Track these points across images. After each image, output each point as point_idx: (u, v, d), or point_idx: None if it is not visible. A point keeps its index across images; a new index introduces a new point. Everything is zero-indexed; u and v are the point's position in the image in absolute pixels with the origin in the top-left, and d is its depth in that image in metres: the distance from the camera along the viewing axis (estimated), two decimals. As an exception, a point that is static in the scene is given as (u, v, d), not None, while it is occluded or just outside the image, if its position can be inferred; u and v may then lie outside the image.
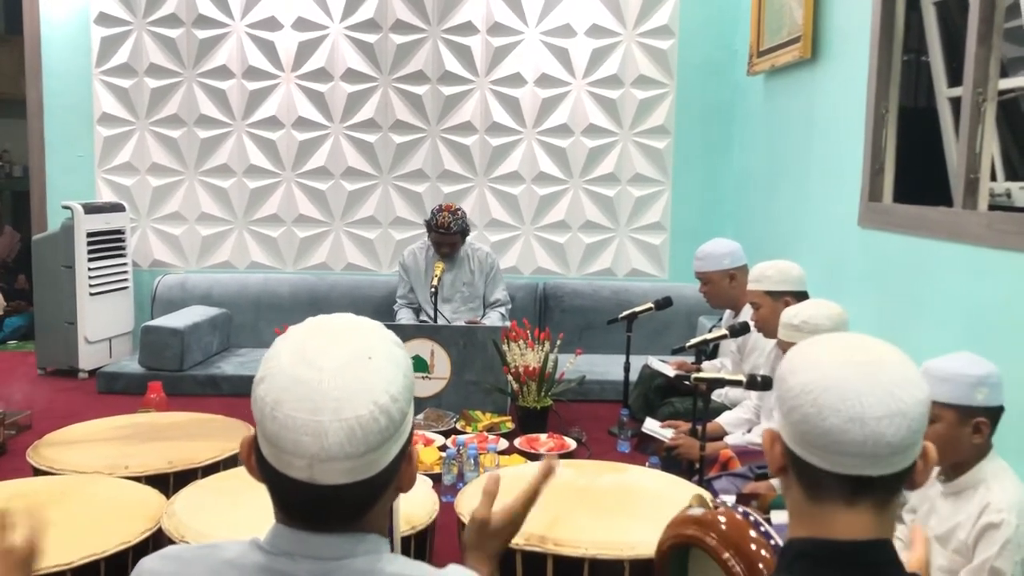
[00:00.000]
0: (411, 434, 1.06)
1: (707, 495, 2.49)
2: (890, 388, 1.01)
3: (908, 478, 1.05)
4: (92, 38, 5.45)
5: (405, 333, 4.24)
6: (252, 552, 1.01)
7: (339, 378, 0.97)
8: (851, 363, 1.03)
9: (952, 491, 2.01)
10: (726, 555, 1.39)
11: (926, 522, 2.09)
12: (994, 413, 1.99)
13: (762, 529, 1.40)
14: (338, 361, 0.99)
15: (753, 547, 1.37)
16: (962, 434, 1.94)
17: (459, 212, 4.73)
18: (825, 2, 3.90)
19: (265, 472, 1.01)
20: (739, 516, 1.42)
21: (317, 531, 1.00)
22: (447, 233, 4.68)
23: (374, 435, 0.97)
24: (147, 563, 1.06)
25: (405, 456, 1.04)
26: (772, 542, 1.37)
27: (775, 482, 2.73)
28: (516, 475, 2.75)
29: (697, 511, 1.48)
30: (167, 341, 4.79)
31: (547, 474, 1.39)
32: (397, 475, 1.04)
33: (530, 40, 5.45)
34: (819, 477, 1.03)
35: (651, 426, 3.44)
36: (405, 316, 4.88)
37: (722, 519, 1.43)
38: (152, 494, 2.46)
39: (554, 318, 5.31)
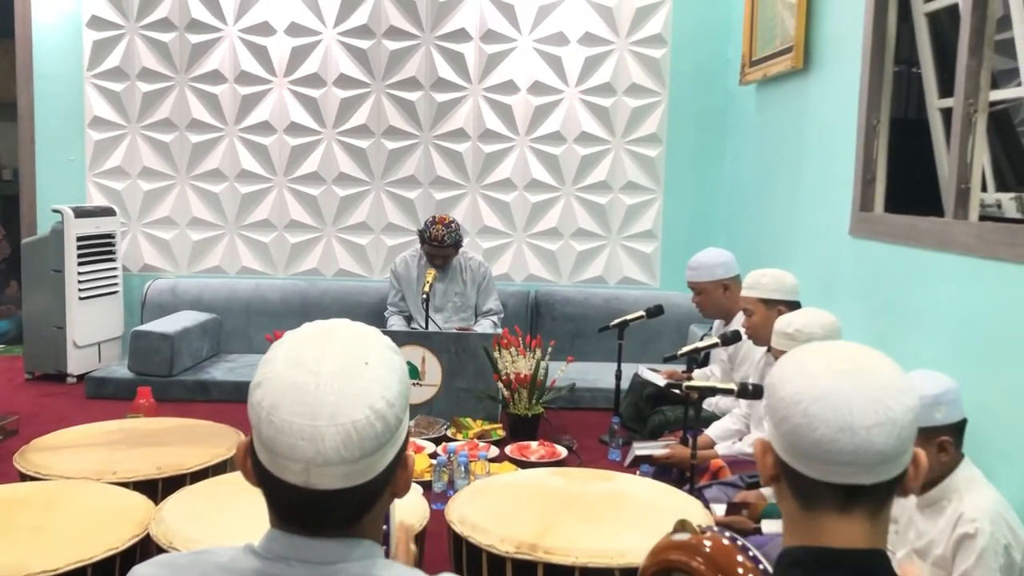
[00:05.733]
0: (407, 439, 1.06)
1: (697, 509, 2.48)
2: (879, 396, 1.01)
3: (899, 485, 1.05)
4: (84, 41, 5.44)
5: (396, 339, 4.16)
6: (246, 557, 1.01)
7: (335, 383, 0.97)
8: (839, 372, 1.03)
9: (926, 504, 2.01)
10: None
11: (906, 535, 2.09)
12: (956, 428, 1.99)
13: (750, 554, 1.38)
14: (334, 366, 0.99)
15: (740, 571, 1.35)
16: (927, 455, 1.93)
17: (453, 224, 4.72)
18: (817, 12, 3.93)
19: (261, 476, 1.01)
20: (726, 541, 1.40)
21: (312, 536, 1.00)
22: (441, 246, 4.67)
23: (370, 440, 0.97)
24: (140, 570, 1.05)
25: (401, 461, 1.04)
26: (761, 567, 1.36)
27: (766, 491, 2.73)
28: (506, 482, 2.75)
29: (682, 536, 1.46)
30: (157, 346, 4.77)
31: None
32: (392, 480, 1.04)
33: (523, 48, 5.46)
34: (811, 486, 1.03)
35: (641, 450, 3.39)
36: (396, 324, 4.87)
37: (708, 543, 1.41)
38: (140, 500, 2.45)
39: (545, 325, 5.31)
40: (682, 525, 1.60)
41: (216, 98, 5.48)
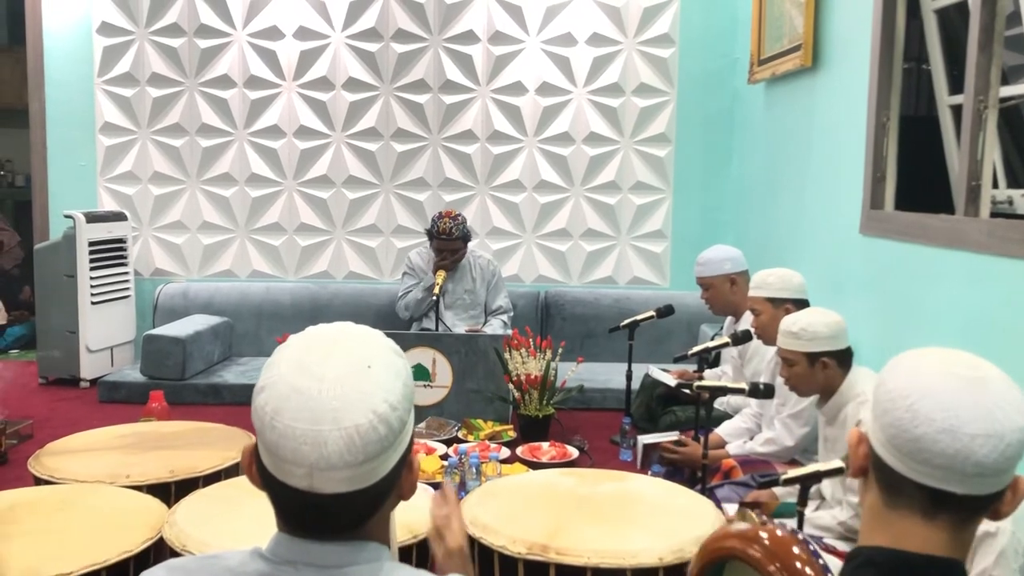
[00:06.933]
0: (411, 442, 1.06)
1: (709, 510, 2.48)
2: (991, 408, 0.98)
3: (993, 506, 1.01)
4: (94, 48, 5.47)
5: (406, 342, 4.24)
6: (254, 561, 1.02)
7: (338, 387, 0.98)
8: (955, 375, 1.00)
9: None
10: (771, 568, 1.36)
11: None
12: None
13: (810, 548, 1.38)
14: (337, 370, 0.99)
15: (799, 565, 1.35)
16: None
17: (459, 218, 4.74)
18: (826, 10, 3.91)
19: (266, 481, 1.01)
20: (781, 532, 1.40)
21: (318, 540, 1.00)
22: (449, 239, 4.68)
23: (373, 444, 0.97)
24: (151, 574, 1.05)
25: (405, 464, 1.05)
26: (821, 562, 1.36)
27: (778, 490, 2.72)
28: (518, 483, 2.75)
29: (739, 525, 1.47)
30: (169, 350, 4.79)
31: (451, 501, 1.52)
32: (397, 483, 1.04)
33: (531, 49, 5.47)
34: (900, 483, 1.01)
35: (649, 439, 3.39)
36: (412, 297, 4.81)
37: (764, 533, 1.41)
38: (153, 503, 2.46)
39: (555, 326, 5.31)
40: (742, 516, 1.61)
41: (226, 102, 5.50)
